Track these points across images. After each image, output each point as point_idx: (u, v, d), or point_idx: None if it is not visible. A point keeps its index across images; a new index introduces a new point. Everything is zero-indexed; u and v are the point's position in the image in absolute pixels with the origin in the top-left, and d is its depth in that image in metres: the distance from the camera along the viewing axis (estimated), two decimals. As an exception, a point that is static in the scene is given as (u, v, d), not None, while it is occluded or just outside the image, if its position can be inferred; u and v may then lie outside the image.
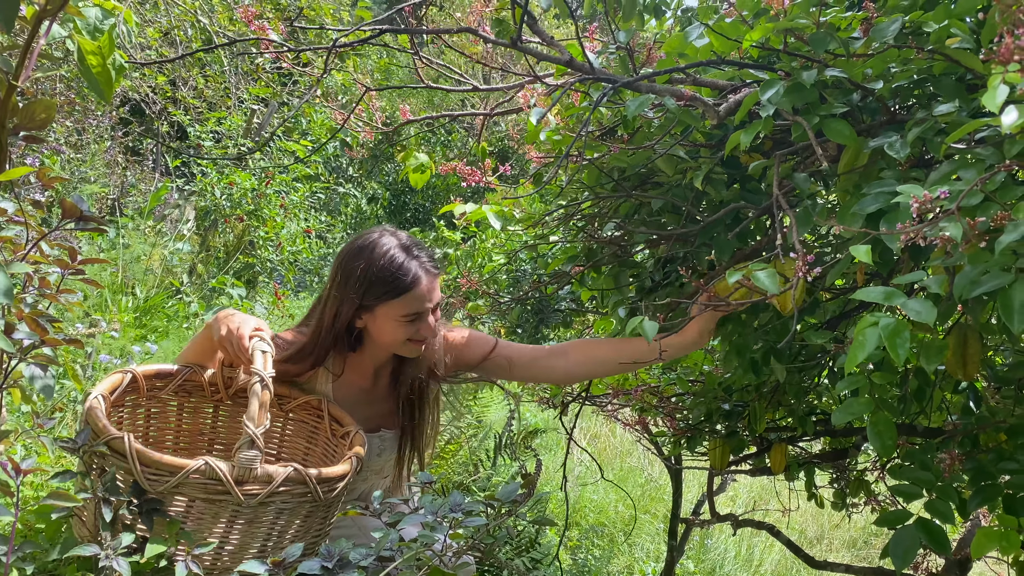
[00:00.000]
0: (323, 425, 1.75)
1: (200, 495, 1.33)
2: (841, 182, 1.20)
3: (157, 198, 6.00)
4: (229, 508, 1.36)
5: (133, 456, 1.28)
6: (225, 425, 1.79)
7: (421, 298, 1.67)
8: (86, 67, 1.22)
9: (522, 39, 1.10)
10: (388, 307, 1.66)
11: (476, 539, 1.26)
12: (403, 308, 1.66)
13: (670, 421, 2.10)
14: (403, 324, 1.68)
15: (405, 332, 1.69)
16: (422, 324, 1.70)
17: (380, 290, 1.65)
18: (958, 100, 1.07)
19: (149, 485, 1.30)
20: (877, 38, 1.06)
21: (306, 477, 1.39)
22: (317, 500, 1.43)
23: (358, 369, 1.83)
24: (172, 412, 1.73)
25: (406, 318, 1.67)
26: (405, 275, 1.65)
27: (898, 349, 0.91)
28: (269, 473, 1.36)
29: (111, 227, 5.27)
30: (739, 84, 1.25)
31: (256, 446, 1.34)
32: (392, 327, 1.69)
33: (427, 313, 1.69)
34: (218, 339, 1.58)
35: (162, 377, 1.67)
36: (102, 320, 3.66)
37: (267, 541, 1.42)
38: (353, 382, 1.84)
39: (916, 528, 1.23)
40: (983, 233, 0.92)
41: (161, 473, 1.30)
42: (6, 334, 1.19)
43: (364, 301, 1.67)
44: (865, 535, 5.14)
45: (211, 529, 1.36)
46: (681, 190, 1.45)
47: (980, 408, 1.53)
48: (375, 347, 1.78)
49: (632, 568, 3.99)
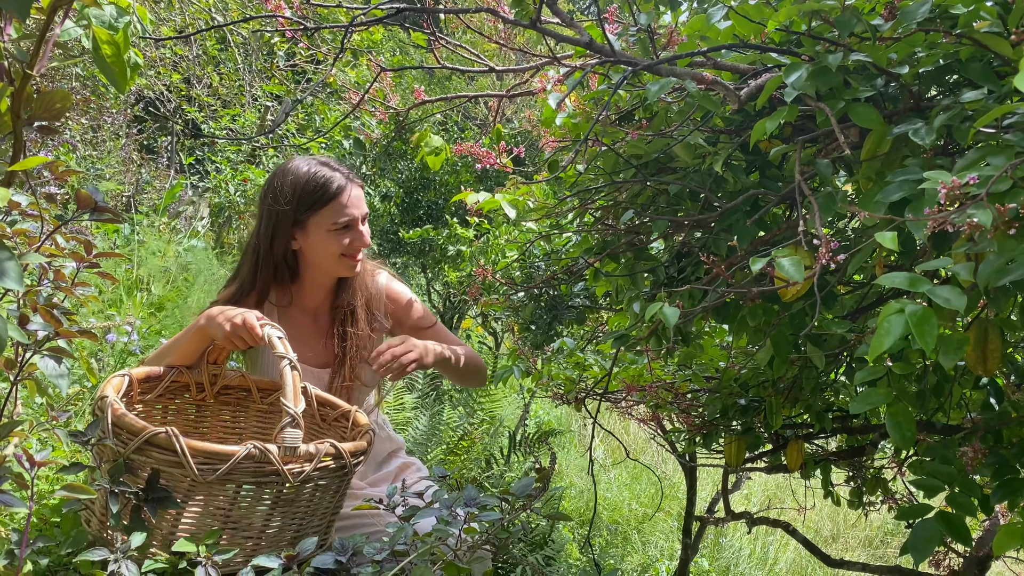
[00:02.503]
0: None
1: (249, 479, 1.34)
2: (864, 169, 1.17)
3: (172, 195, 6.03)
4: (274, 490, 1.37)
5: (183, 448, 1.28)
6: (209, 424, 1.79)
7: (348, 204, 1.75)
8: (100, 56, 1.22)
9: (541, 19, 1.09)
10: (319, 217, 1.75)
11: (491, 533, 1.25)
12: (332, 215, 1.75)
13: (685, 418, 2.08)
14: (334, 235, 1.76)
15: (338, 244, 1.77)
16: (353, 234, 1.77)
17: (309, 200, 1.74)
18: (988, 85, 1.05)
19: (201, 475, 1.29)
20: (905, 20, 1.04)
21: (342, 451, 1.42)
22: (351, 474, 1.46)
23: (299, 304, 1.91)
24: (157, 414, 1.72)
25: (336, 227, 1.75)
26: (330, 183, 1.74)
27: (926, 336, 0.88)
28: (310, 451, 1.38)
29: (126, 224, 5.29)
30: (760, 69, 1.23)
31: (297, 424, 1.35)
32: (325, 240, 1.77)
33: (357, 222, 1.78)
34: (223, 335, 1.58)
35: (151, 380, 1.67)
36: (116, 315, 3.67)
37: (302, 521, 1.44)
38: (296, 320, 1.90)
39: (937, 521, 1.21)
40: (1012, 220, 0.90)
41: (212, 461, 1.30)
42: (20, 325, 1.19)
43: (297, 216, 1.75)
44: (882, 534, 5.10)
45: (255, 513, 1.37)
46: (699, 176, 1.43)
47: (1002, 403, 1.50)
48: (313, 272, 1.85)
49: (646, 566, 3.97)
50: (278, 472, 1.34)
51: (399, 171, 4.17)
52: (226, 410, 1.79)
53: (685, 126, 1.32)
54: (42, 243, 1.18)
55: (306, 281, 1.88)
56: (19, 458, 1.16)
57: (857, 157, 1.19)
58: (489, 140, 1.63)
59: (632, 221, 1.63)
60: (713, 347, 2.16)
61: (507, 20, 1.11)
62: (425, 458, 3.47)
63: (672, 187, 1.44)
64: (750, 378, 1.94)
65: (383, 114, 1.70)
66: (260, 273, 1.82)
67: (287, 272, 1.84)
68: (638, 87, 1.39)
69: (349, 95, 1.72)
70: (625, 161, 1.46)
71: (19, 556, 1.15)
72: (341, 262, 1.80)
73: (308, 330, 1.92)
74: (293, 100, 6.87)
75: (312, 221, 1.76)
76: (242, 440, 1.82)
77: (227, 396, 1.78)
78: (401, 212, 4.27)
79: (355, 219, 1.77)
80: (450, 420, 3.73)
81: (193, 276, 5.23)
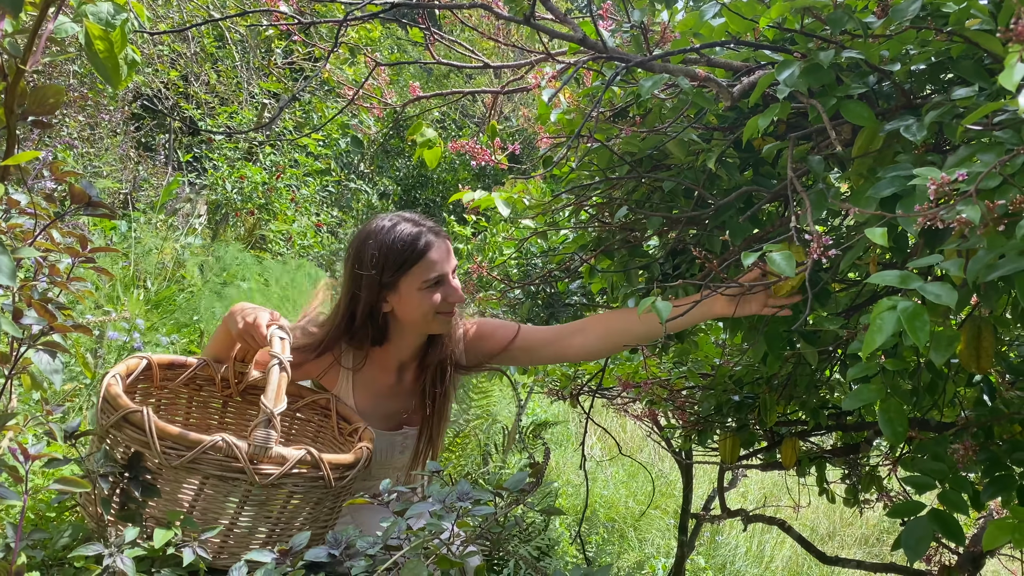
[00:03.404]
0: (330, 423, 1.75)
1: (215, 472, 1.33)
2: (856, 166, 1.18)
3: (169, 192, 6.02)
4: (241, 488, 1.36)
5: (151, 428, 1.29)
6: (234, 421, 1.79)
7: (439, 260, 1.68)
8: (93, 52, 1.22)
9: (535, 16, 1.09)
10: (409, 277, 1.68)
11: (484, 528, 1.25)
12: (424, 273, 1.67)
13: (680, 414, 2.08)
14: (427, 292, 1.68)
15: (432, 301, 1.69)
16: (446, 288, 1.71)
17: (398, 262, 1.67)
18: (979, 83, 1.05)
19: (165, 459, 1.30)
20: (896, 18, 1.05)
21: (319, 460, 1.39)
22: (328, 486, 1.43)
23: (381, 364, 1.83)
24: (182, 404, 1.74)
25: (428, 283, 1.68)
26: (418, 241, 1.67)
27: (918, 332, 0.89)
28: (283, 454, 1.36)
29: (123, 221, 5.29)
30: (753, 66, 1.23)
31: (272, 425, 1.34)
32: (418, 299, 1.69)
33: (448, 276, 1.71)
34: (236, 333, 1.59)
35: (175, 367, 1.68)
36: (112, 312, 3.67)
37: (275, 526, 1.42)
38: (376, 378, 1.82)
39: (929, 519, 1.22)
40: (1001, 217, 0.91)
41: (178, 447, 1.30)
42: (15, 319, 1.19)
43: (384, 279, 1.68)
44: (877, 532, 5.11)
45: (221, 510, 1.37)
46: (693, 172, 1.43)
47: (995, 401, 1.51)
48: (404, 332, 1.77)
49: (642, 563, 3.98)
50: (243, 470, 1.33)
51: (397, 169, 4.18)
52: (251, 409, 1.78)
53: (679, 123, 1.32)
54: (36, 236, 1.18)
55: (394, 342, 1.80)
56: (14, 452, 1.16)
57: (849, 154, 1.20)
58: (485, 138, 1.64)
59: (627, 218, 1.64)
60: (708, 344, 2.17)
61: (501, 16, 1.12)
62: (421, 455, 3.47)
63: (666, 184, 1.45)
64: (745, 375, 1.95)
65: (380, 111, 1.70)
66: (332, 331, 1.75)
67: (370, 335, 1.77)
68: (632, 84, 1.40)
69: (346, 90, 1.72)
70: (619, 158, 1.47)
71: (14, 549, 1.15)
72: (436, 319, 1.73)
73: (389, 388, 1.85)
74: (290, 96, 6.87)
75: (403, 282, 1.69)
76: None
77: (254, 396, 1.78)
78: (399, 209, 4.30)
79: (446, 275, 1.71)
80: (446, 417, 3.73)
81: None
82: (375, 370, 1.82)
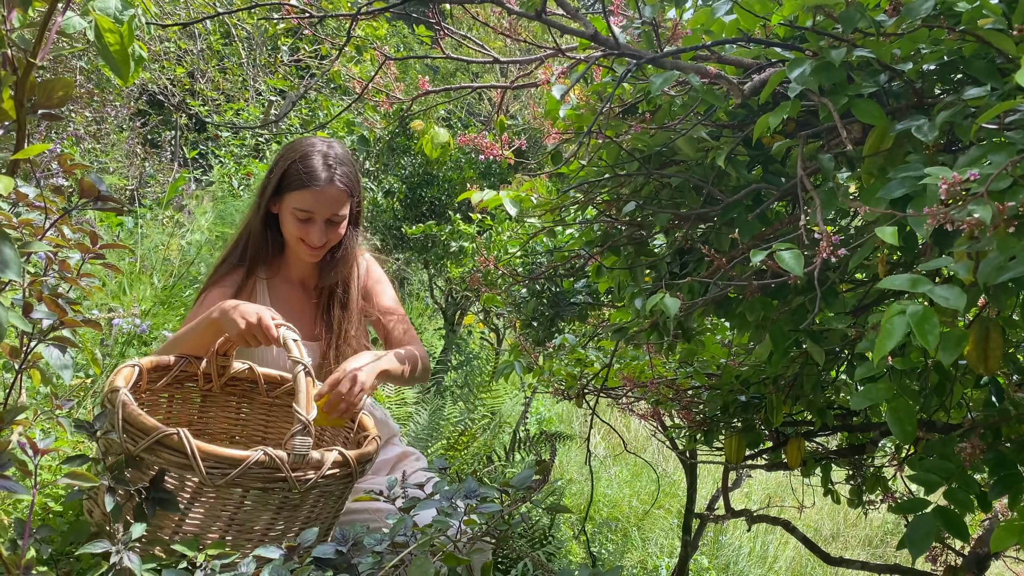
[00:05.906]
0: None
1: (257, 485, 1.34)
2: (866, 165, 1.17)
3: (175, 189, 6.03)
4: (280, 496, 1.37)
5: (194, 452, 1.28)
6: (214, 415, 1.79)
7: (316, 202, 1.82)
8: (104, 45, 1.22)
9: (546, 11, 1.09)
10: (290, 197, 1.84)
11: (491, 526, 1.25)
12: (298, 202, 1.82)
13: (686, 414, 2.08)
14: (295, 219, 1.84)
15: (296, 228, 1.85)
16: (311, 227, 1.84)
17: (287, 180, 1.84)
18: (991, 82, 1.05)
19: (210, 479, 1.30)
20: (908, 17, 1.04)
21: (349, 459, 1.42)
22: (354, 480, 1.47)
23: (285, 275, 1.99)
24: (163, 402, 1.72)
25: (298, 212, 1.83)
26: (312, 175, 1.81)
27: (928, 336, 0.89)
28: (319, 459, 1.38)
29: (129, 217, 5.30)
30: (764, 63, 1.23)
31: (308, 432, 1.35)
32: (289, 219, 1.85)
33: (318, 218, 1.84)
34: (238, 333, 1.57)
35: (160, 369, 1.67)
36: (120, 308, 3.68)
37: (303, 525, 1.44)
38: (285, 291, 1.97)
39: (934, 516, 1.21)
40: (1012, 218, 0.90)
41: (221, 466, 1.30)
42: (24, 314, 1.20)
43: (278, 184, 1.85)
44: (881, 533, 5.10)
45: (259, 518, 1.38)
46: (702, 170, 1.43)
47: (1003, 402, 1.50)
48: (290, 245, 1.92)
49: (646, 563, 3.98)
50: (286, 479, 1.34)
51: (402, 167, 4.18)
52: (232, 401, 1.79)
53: (688, 120, 1.32)
54: (47, 231, 1.18)
55: (288, 255, 1.97)
56: (23, 446, 1.16)
57: (859, 153, 1.20)
58: (492, 136, 1.64)
59: (635, 214, 1.64)
60: (714, 344, 2.16)
61: (512, 11, 1.12)
62: (425, 453, 3.47)
63: (674, 181, 1.45)
64: (751, 375, 1.94)
65: (387, 105, 1.71)
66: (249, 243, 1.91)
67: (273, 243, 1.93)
68: (642, 80, 1.39)
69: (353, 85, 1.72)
70: (628, 154, 1.46)
71: (22, 544, 1.15)
72: (300, 247, 1.88)
73: (298, 302, 1.99)
74: (298, 93, 6.87)
75: (286, 198, 1.85)
76: (246, 432, 1.83)
77: (233, 388, 1.78)
78: (404, 208, 4.28)
79: (313, 216, 1.83)
80: (451, 415, 3.73)
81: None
82: (283, 282, 1.99)
